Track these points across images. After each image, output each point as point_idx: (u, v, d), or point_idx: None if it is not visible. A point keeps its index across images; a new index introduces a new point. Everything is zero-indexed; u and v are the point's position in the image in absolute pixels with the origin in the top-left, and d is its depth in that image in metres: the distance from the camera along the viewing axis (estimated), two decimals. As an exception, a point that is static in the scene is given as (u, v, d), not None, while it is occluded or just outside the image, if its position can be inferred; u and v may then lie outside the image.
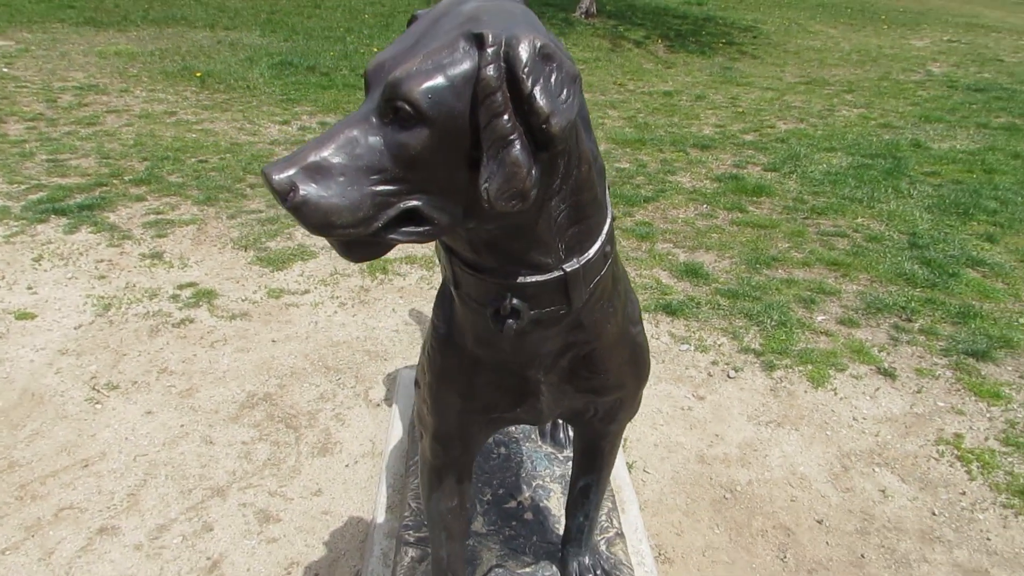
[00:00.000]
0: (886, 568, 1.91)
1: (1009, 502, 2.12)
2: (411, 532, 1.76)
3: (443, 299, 1.16)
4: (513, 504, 1.86)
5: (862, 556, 1.94)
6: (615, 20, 10.91)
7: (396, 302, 3.01)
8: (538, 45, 0.79)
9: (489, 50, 0.79)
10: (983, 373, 2.72)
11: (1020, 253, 3.75)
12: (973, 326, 3.01)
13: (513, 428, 2.15)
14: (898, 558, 1.94)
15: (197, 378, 2.48)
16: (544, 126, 0.80)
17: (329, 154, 0.82)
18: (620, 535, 1.80)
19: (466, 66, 0.81)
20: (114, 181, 4.05)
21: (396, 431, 2.22)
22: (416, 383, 1.27)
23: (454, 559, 1.42)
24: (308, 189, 0.81)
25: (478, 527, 1.79)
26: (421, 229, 0.87)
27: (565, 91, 0.81)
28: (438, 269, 3.28)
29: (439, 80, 0.80)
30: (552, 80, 0.80)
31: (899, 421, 2.46)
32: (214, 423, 2.29)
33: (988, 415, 2.50)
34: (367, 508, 2.01)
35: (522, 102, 0.79)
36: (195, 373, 2.50)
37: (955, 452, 2.32)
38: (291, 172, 0.80)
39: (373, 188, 0.83)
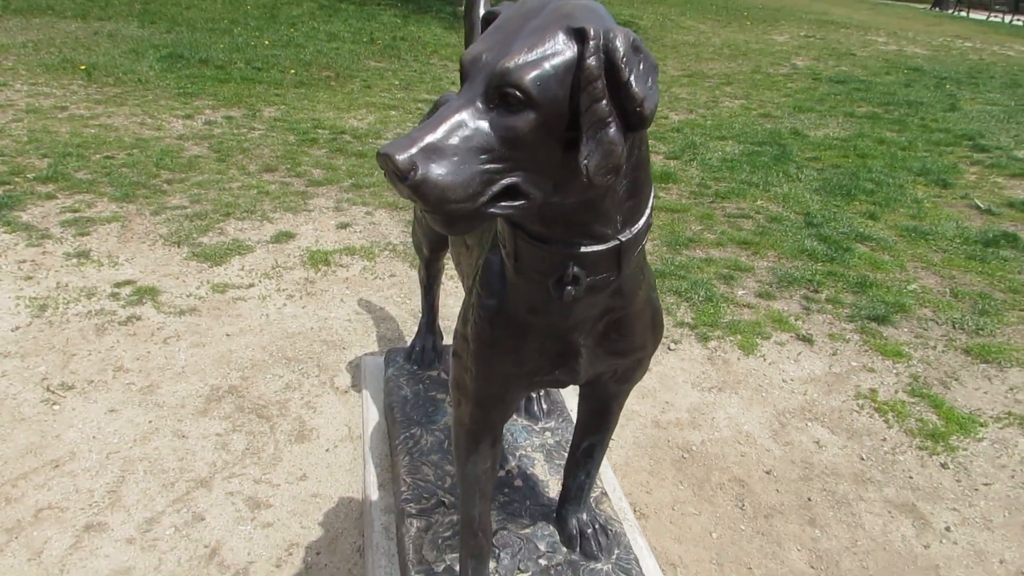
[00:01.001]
0: (830, 508, 2.15)
1: (923, 444, 2.43)
2: (412, 505, 1.84)
3: (490, 276, 1.26)
4: (502, 473, 1.97)
5: (809, 499, 2.18)
6: (503, 14, 11.08)
7: (343, 292, 3.04)
8: (631, 39, 0.92)
9: (591, 43, 0.90)
10: (885, 335, 3.06)
11: (898, 228, 4.19)
12: (871, 294, 3.36)
13: (488, 404, 2.26)
14: (839, 499, 2.19)
15: (156, 374, 2.44)
16: (638, 109, 0.93)
17: (442, 136, 0.91)
18: (605, 494, 1.95)
19: (568, 56, 0.92)
20: (16, 179, 3.83)
21: (372, 415, 2.28)
22: (455, 354, 1.36)
23: (484, 518, 1.52)
24: (427, 168, 0.90)
25: (474, 496, 1.89)
26: (517, 203, 0.97)
27: (650, 79, 0.93)
28: (379, 260, 3.32)
29: (546, 68, 0.91)
30: (641, 69, 0.92)
31: (821, 380, 2.74)
32: (183, 417, 2.27)
33: (895, 371, 2.82)
34: (356, 488, 2.07)
35: (618, 88, 0.92)
36: (152, 370, 2.46)
37: (872, 405, 2.61)
38: (412, 152, 0.89)
39: (481, 167, 0.92)
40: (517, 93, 0.91)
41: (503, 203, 0.97)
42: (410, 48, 8.21)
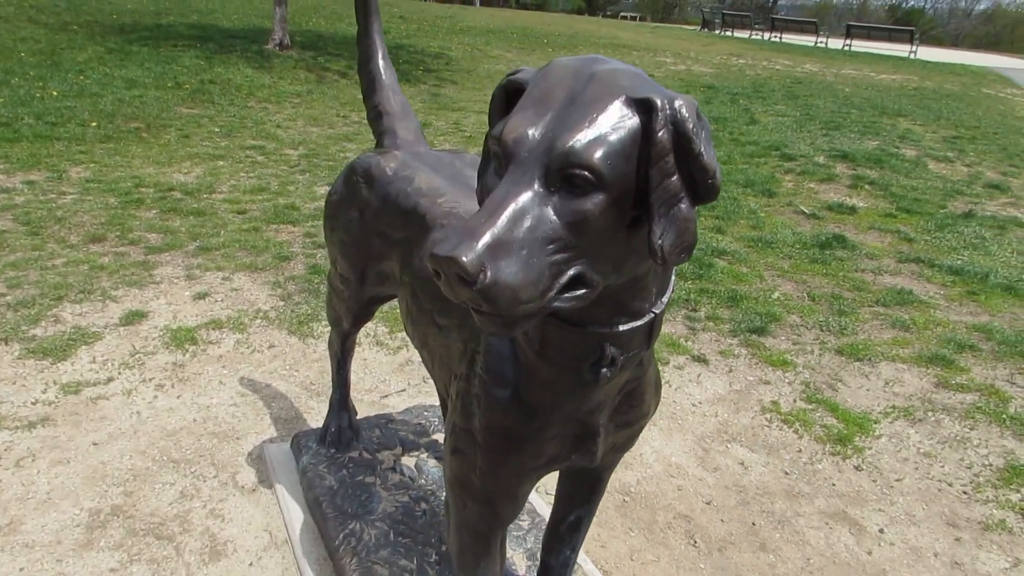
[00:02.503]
0: (775, 529, 2.19)
1: (834, 450, 2.54)
2: (376, 615, 1.64)
3: (499, 363, 1.13)
4: (462, 557, 1.81)
5: (753, 524, 2.20)
6: (311, 51, 10.76)
7: (221, 373, 2.72)
8: (695, 106, 0.84)
9: (660, 115, 0.82)
10: (767, 346, 3.21)
11: (745, 240, 4.45)
12: (744, 307, 3.52)
13: (424, 481, 2.09)
14: (779, 518, 2.23)
15: (15, 508, 2.03)
16: (710, 181, 0.85)
17: (506, 227, 0.79)
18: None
19: (632, 130, 0.83)
20: None
21: (295, 514, 2.04)
22: (456, 451, 1.20)
23: (495, 625, 1.37)
24: (496, 268, 0.77)
25: (440, 590, 1.72)
26: (580, 293, 0.87)
27: (712, 146, 0.86)
28: (252, 330, 3.02)
29: (613, 144, 0.82)
30: (704, 136, 0.85)
31: (727, 400, 2.80)
32: (62, 557, 1.89)
33: (787, 380, 2.95)
34: (297, 604, 1.82)
35: (688, 160, 0.84)
36: (10, 503, 2.05)
37: (779, 417, 2.71)
38: (478, 250, 0.77)
39: (550, 259, 0.81)
40: (586, 174, 0.81)
41: (566, 295, 0.86)
42: (222, 92, 7.72)
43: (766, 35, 25.57)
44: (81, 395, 2.52)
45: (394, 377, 2.81)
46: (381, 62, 1.88)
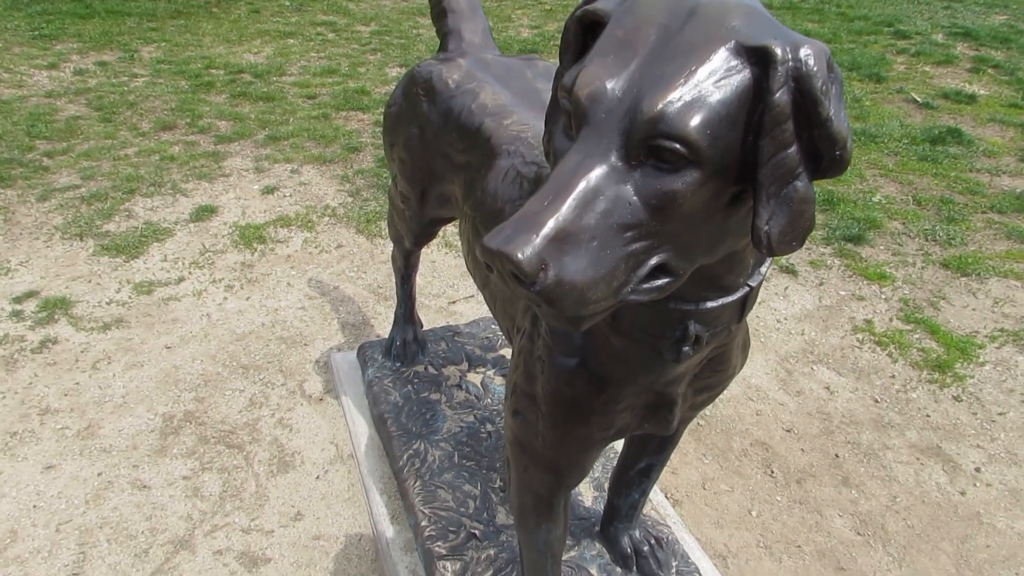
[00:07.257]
0: (860, 463, 2.06)
1: (931, 378, 2.36)
2: (439, 544, 1.62)
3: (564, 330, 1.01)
4: (527, 486, 1.76)
5: (836, 456, 2.08)
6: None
7: (289, 274, 2.69)
8: (827, 55, 0.66)
9: (780, 69, 0.64)
10: (863, 256, 2.97)
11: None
12: (840, 211, 3.26)
13: (489, 400, 2.03)
14: (864, 450, 2.10)
15: (92, 411, 2.08)
16: (838, 153, 0.68)
17: (573, 213, 0.65)
18: (641, 493, 1.78)
19: (741, 88, 0.66)
20: None
21: (360, 428, 2.02)
22: (516, 412, 1.11)
23: (557, 584, 1.32)
24: (560, 266, 0.64)
25: (503, 519, 1.68)
26: (662, 283, 0.73)
27: (843, 106, 0.68)
28: (320, 228, 2.96)
29: (715, 109, 0.65)
30: (834, 94, 0.67)
31: (815, 316, 2.62)
32: (139, 462, 1.94)
33: (883, 296, 2.74)
34: (362, 521, 1.82)
35: (811, 127, 0.67)
36: (87, 406, 2.09)
37: (872, 338, 2.52)
38: (537, 244, 0.64)
39: (626, 248, 0.67)
40: (677, 147, 0.65)
41: (645, 286, 0.72)
42: (291, -39, 7.43)
43: None
44: (153, 295, 2.54)
45: (463, 281, 2.72)
46: None
